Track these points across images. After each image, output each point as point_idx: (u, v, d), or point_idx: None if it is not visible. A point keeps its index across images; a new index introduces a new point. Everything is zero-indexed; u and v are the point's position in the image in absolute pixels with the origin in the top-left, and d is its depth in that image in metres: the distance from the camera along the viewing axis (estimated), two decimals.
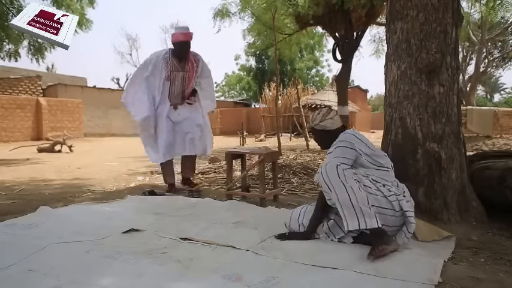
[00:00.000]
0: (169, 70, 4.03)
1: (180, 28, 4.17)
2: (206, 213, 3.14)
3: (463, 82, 23.99)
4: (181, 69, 4.10)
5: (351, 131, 2.51)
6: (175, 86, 4.10)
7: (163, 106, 4.07)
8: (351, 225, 2.19)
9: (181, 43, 4.02)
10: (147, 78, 4.02)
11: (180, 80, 4.10)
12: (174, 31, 4.15)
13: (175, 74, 4.07)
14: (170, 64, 4.04)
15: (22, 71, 19.46)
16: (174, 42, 4.04)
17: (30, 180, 5.16)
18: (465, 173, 2.97)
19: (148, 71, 4.02)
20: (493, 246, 2.36)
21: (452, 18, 2.93)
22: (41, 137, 15.46)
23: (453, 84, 2.95)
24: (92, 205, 3.46)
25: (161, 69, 4.00)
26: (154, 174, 5.78)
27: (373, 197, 2.24)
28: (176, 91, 4.13)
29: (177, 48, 4.05)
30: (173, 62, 4.05)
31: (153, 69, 4.01)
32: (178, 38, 4.01)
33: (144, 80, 4.04)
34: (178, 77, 4.09)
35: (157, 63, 4.01)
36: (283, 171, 5.16)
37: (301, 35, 12.22)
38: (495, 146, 10.88)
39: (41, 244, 2.25)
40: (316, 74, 35.85)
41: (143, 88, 4.04)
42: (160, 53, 4.09)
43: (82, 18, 9.67)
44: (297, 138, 16.78)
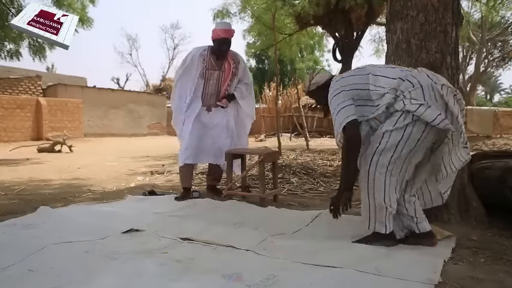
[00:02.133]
0: (204, 67, 3.79)
1: (221, 24, 3.92)
2: (206, 213, 3.14)
3: (463, 82, 23.99)
4: (218, 68, 3.84)
5: (337, 77, 2.52)
6: (209, 85, 3.84)
7: (194, 105, 3.82)
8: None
9: (221, 40, 3.73)
10: (182, 75, 3.85)
11: (215, 80, 3.84)
12: (214, 27, 3.83)
13: (211, 72, 3.82)
14: (207, 61, 3.80)
15: (22, 71, 19.44)
16: (213, 39, 3.76)
17: (30, 180, 5.16)
18: (465, 173, 2.97)
19: (184, 66, 3.84)
20: (493, 246, 2.36)
21: (452, 18, 2.93)
22: (41, 137, 15.44)
23: (453, 84, 2.94)
24: (92, 205, 3.47)
25: (197, 65, 3.78)
26: (154, 174, 5.78)
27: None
28: (210, 91, 3.85)
29: (216, 45, 3.77)
30: (210, 60, 3.80)
31: (190, 65, 3.81)
32: (219, 35, 3.72)
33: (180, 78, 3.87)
34: (213, 75, 3.83)
35: (195, 58, 3.80)
36: (283, 171, 5.15)
37: (301, 35, 12.21)
38: (495, 146, 10.88)
39: (40, 244, 2.25)
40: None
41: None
42: (199, 49, 3.86)
43: (83, 16, 9.67)
44: (297, 138, 16.77)
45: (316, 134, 18.69)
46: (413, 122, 2.19)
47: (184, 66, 3.84)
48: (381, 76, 2.32)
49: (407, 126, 2.20)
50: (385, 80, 2.30)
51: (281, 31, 10.21)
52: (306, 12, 8.54)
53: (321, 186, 4.56)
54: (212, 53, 3.81)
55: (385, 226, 2.30)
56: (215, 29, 3.77)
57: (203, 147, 3.82)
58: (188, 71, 3.81)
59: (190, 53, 3.90)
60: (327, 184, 4.65)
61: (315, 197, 4.07)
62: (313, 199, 3.94)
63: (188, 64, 3.81)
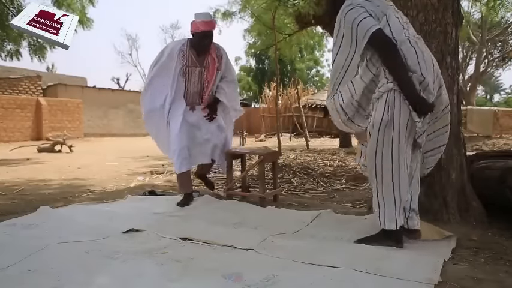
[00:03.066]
0: (184, 64, 3.46)
1: (201, 15, 3.44)
2: (206, 213, 3.14)
3: (463, 82, 23.98)
4: (199, 64, 3.51)
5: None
6: (191, 83, 3.53)
7: (177, 105, 3.52)
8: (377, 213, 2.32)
9: (202, 34, 3.38)
10: (157, 73, 3.51)
11: (197, 77, 3.52)
12: (194, 18, 3.43)
13: (192, 69, 3.50)
14: (187, 57, 3.46)
15: (22, 71, 19.47)
16: (193, 33, 3.42)
17: (30, 180, 5.16)
18: (465, 173, 2.97)
19: (160, 62, 3.49)
20: (493, 246, 2.36)
21: (452, 18, 2.93)
22: (41, 137, 15.46)
23: (453, 84, 2.95)
24: (91, 205, 3.47)
25: (176, 62, 3.44)
26: (154, 174, 5.78)
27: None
28: (193, 90, 3.56)
29: (196, 39, 3.43)
30: (190, 55, 3.47)
31: (167, 61, 3.46)
32: (198, 28, 3.36)
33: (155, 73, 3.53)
34: (195, 73, 3.51)
35: (173, 54, 3.45)
36: (283, 171, 5.16)
37: (301, 35, 12.19)
38: (495, 146, 10.88)
39: (40, 244, 2.25)
40: (316, 74, 35.84)
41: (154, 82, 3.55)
42: (178, 43, 3.55)
43: (83, 17, 9.66)
44: (297, 138, 16.78)
45: (316, 134, 18.70)
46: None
47: (160, 62, 3.48)
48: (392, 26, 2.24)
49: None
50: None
51: (281, 31, 10.19)
52: (306, 12, 8.52)
53: (321, 186, 4.56)
54: (192, 47, 3.48)
55: (395, 220, 2.27)
56: (194, 21, 3.40)
57: (197, 148, 3.58)
58: (165, 68, 3.47)
59: (167, 46, 3.57)
60: (327, 184, 4.65)
61: (315, 197, 4.08)
62: (313, 199, 3.94)
63: (165, 60, 3.46)
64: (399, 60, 2.19)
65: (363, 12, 2.24)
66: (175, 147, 3.47)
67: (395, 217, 2.27)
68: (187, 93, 3.56)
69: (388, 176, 2.24)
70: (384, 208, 2.28)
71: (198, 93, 3.59)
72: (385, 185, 2.26)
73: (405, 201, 2.32)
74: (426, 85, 2.20)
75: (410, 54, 2.22)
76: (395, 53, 2.19)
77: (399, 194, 2.25)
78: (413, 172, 2.40)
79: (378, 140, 2.23)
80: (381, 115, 2.21)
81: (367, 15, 2.23)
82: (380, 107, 2.23)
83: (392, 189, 2.25)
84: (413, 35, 2.31)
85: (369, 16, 2.23)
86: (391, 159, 2.23)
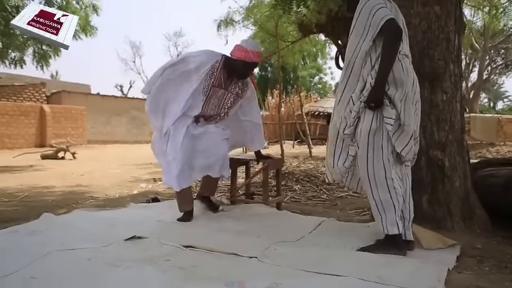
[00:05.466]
0: (211, 83, 3.11)
1: (252, 44, 3.14)
2: (209, 221, 3.13)
3: (466, 89, 23.96)
4: (225, 86, 3.19)
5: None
6: (209, 104, 3.18)
7: (184, 121, 3.12)
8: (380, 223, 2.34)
9: (250, 64, 3.13)
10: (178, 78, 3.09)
11: (217, 99, 3.20)
12: (242, 44, 3.10)
13: (216, 90, 3.15)
14: (216, 76, 3.12)
15: (27, 78, 19.59)
16: (238, 59, 3.06)
17: (33, 187, 5.17)
18: (469, 180, 2.95)
19: (182, 70, 3.09)
20: (498, 254, 2.34)
21: (455, 26, 2.94)
22: (45, 144, 15.51)
23: (456, 91, 2.95)
24: (94, 212, 3.46)
25: (202, 78, 3.08)
26: (157, 181, 5.78)
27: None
28: (210, 111, 3.22)
29: (239, 66, 3.09)
30: (220, 76, 3.13)
31: (193, 72, 3.07)
32: (250, 57, 3.05)
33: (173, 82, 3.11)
34: (217, 94, 3.17)
35: (201, 68, 3.08)
36: (286, 178, 5.15)
37: (304, 43, 12.24)
38: (499, 153, 10.83)
39: (43, 251, 2.25)
40: (319, 81, 35.91)
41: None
42: (210, 58, 3.12)
43: (87, 25, 9.74)
44: (299, 145, 16.76)
45: (319, 141, 18.67)
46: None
47: (185, 69, 3.08)
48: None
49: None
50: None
51: (284, 39, 10.24)
52: (308, 20, 8.56)
53: (324, 193, 4.55)
54: (224, 68, 3.14)
55: (396, 224, 2.28)
56: (244, 48, 3.07)
57: (200, 161, 3.14)
58: (187, 79, 3.09)
59: (198, 55, 3.14)
60: (329, 191, 4.64)
61: (318, 204, 4.07)
62: (316, 206, 3.93)
63: (190, 69, 3.08)
64: (394, 55, 2.25)
65: (382, 3, 2.30)
66: (175, 163, 3.05)
67: (396, 221, 2.28)
68: (202, 116, 3.21)
69: (383, 182, 2.26)
70: (385, 213, 2.29)
71: (213, 117, 3.28)
72: (381, 190, 2.27)
73: (402, 203, 2.32)
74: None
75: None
76: (398, 46, 2.26)
77: (396, 198, 2.27)
78: (406, 181, 2.41)
79: (368, 148, 2.28)
80: (370, 123, 2.27)
81: (385, 6, 2.30)
82: (368, 116, 2.28)
83: (389, 195, 2.27)
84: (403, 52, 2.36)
85: (386, 7, 2.29)
86: (383, 165, 2.26)
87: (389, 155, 2.28)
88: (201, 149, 3.13)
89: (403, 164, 2.39)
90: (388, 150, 2.27)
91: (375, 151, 2.27)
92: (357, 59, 2.35)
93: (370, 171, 2.29)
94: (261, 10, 9.84)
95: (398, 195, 2.28)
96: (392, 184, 2.27)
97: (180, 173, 3.03)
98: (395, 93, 2.24)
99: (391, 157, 2.28)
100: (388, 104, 2.24)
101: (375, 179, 2.28)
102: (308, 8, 6.19)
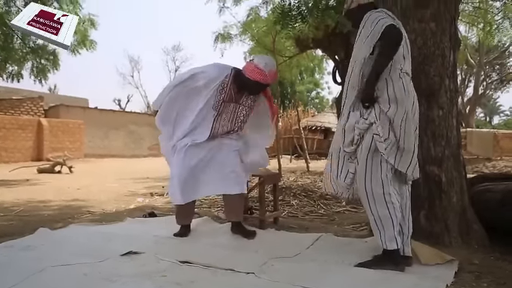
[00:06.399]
0: (221, 99, 2.99)
1: (269, 64, 2.95)
2: (206, 236, 3.12)
3: (462, 104, 24.14)
4: (236, 100, 3.04)
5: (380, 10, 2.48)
6: (221, 119, 3.05)
7: (192, 136, 3.05)
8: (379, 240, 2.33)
9: (264, 85, 3.00)
10: (189, 94, 3.01)
11: (229, 113, 3.06)
12: (258, 63, 2.91)
13: (227, 104, 3.02)
14: (226, 92, 2.99)
15: (25, 92, 19.60)
16: (251, 78, 2.90)
17: (29, 201, 5.14)
18: (466, 195, 2.96)
19: (191, 86, 2.99)
20: (496, 270, 2.33)
21: (450, 42, 2.98)
22: (42, 158, 15.44)
23: (452, 107, 2.97)
24: (91, 227, 3.44)
25: (212, 94, 2.97)
26: (154, 195, 5.76)
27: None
28: (222, 126, 3.08)
29: (253, 85, 2.95)
30: (231, 90, 3.00)
31: (201, 88, 2.97)
32: (267, 80, 2.92)
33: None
34: (228, 108, 3.04)
35: (211, 85, 2.96)
36: (283, 193, 5.14)
37: (302, 58, 12.35)
38: (495, 168, 10.85)
39: (39, 266, 2.23)
40: (317, 96, 36.07)
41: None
42: (220, 73, 2.99)
43: (85, 39, 9.81)
44: (297, 160, 16.75)
45: (316, 156, 18.67)
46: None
47: (194, 86, 2.99)
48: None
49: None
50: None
51: (281, 54, 10.33)
52: (305, 36, 8.66)
53: (321, 208, 4.54)
54: (235, 82, 3.00)
55: (395, 240, 2.28)
56: (263, 70, 2.88)
57: (203, 176, 3.01)
58: (197, 94, 3.00)
59: (204, 72, 3.00)
60: (327, 206, 4.63)
61: (315, 219, 4.05)
62: (314, 221, 3.91)
63: (200, 86, 2.98)
64: (390, 57, 2.27)
65: (386, 16, 2.33)
66: (174, 175, 3.01)
67: (394, 236, 2.28)
68: (214, 130, 3.06)
69: (380, 197, 2.28)
70: (383, 229, 2.29)
71: (226, 133, 3.13)
72: (379, 206, 2.29)
73: (401, 218, 2.33)
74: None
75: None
76: (396, 50, 2.27)
77: (394, 213, 2.28)
78: (405, 197, 2.42)
79: (367, 164, 2.31)
80: (370, 142, 2.30)
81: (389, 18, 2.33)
82: (369, 135, 2.31)
83: (387, 210, 2.28)
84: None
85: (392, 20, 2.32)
86: (381, 182, 2.29)
87: (388, 172, 2.30)
88: (214, 161, 3.04)
89: (406, 182, 2.41)
90: (388, 167, 2.30)
91: (373, 168, 2.30)
92: (356, 69, 2.38)
93: (368, 187, 2.31)
94: (258, 25, 9.95)
95: (396, 210, 2.29)
96: (390, 199, 2.28)
97: (180, 187, 2.96)
98: (396, 113, 2.26)
99: (389, 173, 2.30)
100: (382, 141, 2.26)
101: (373, 195, 2.30)
102: (306, 22, 6.28)
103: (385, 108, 2.27)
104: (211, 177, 3.02)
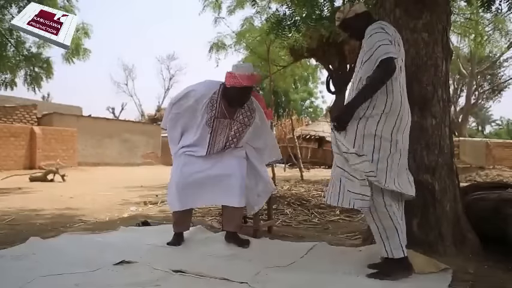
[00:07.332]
0: (213, 116, 3.01)
1: (243, 68, 3.01)
2: (199, 245, 3.09)
3: (455, 114, 24.36)
4: (229, 116, 3.04)
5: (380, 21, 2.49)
6: (217, 136, 3.06)
7: (192, 148, 3.11)
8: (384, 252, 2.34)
9: (243, 89, 2.93)
10: (185, 113, 3.09)
11: (225, 128, 3.06)
12: (232, 69, 2.97)
13: (220, 121, 3.03)
14: (216, 108, 3.00)
15: (18, 99, 19.50)
16: (230, 86, 2.93)
17: (21, 210, 5.08)
18: (459, 204, 2.97)
19: (186, 106, 3.06)
20: (490, 279, 2.34)
21: (442, 53, 3.01)
22: (34, 166, 15.31)
23: (445, 116, 3.00)
24: (83, 236, 3.41)
25: (203, 111, 3.01)
26: (147, 204, 5.73)
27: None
28: (218, 142, 3.08)
29: (234, 93, 2.95)
30: (221, 106, 3.00)
31: (193, 105, 3.03)
32: (240, 82, 2.88)
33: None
34: (223, 124, 3.05)
35: (201, 101, 3.01)
36: (277, 202, 5.12)
37: (296, 67, 12.44)
38: (488, 176, 10.93)
39: (29, 276, 2.20)
40: (311, 105, 36.25)
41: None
42: (208, 90, 3.02)
43: (79, 48, 9.81)
44: (291, 168, 16.76)
45: (310, 164, 18.70)
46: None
47: (188, 105, 3.05)
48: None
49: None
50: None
51: (276, 63, 10.40)
52: (300, 45, 8.73)
53: (316, 217, 4.54)
54: (224, 97, 3.01)
55: (401, 248, 2.30)
56: (233, 73, 2.93)
57: (203, 185, 3.03)
58: (193, 112, 3.07)
59: (194, 90, 3.07)
60: (321, 215, 4.62)
61: (310, 228, 4.04)
62: (308, 230, 3.91)
63: (191, 105, 3.04)
64: (378, 89, 2.28)
65: (388, 37, 2.33)
66: (174, 178, 3.07)
67: (400, 244, 2.30)
68: (211, 145, 3.08)
69: (383, 210, 2.30)
70: (388, 239, 2.31)
71: (222, 148, 3.13)
72: (383, 218, 2.31)
73: (403, 225, 2.35)
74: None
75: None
76: (384, 83, 2.28)
77: (398, 222, 2.30)
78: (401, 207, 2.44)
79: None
80: (371, 155, 2.31)
81: (390, 43, 2.32)
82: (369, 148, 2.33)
83: (391, 221, 2.29)
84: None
85: (391, 45, 2.31)
86: (382, 196, 2.31)
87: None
88: (215, 169, 3.06)
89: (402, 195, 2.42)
90: (390, 178, 2.32)
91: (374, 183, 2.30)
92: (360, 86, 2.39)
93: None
94: (252, 35, 10.02)
95: (398, 218, 2.33)
96: (392, 210, 2.31)
97: (177, 195, 3.00)
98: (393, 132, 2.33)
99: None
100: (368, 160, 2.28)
101: (376, 209, 2.31)
102: (300, 32, 6.33)
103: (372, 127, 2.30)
104: (212, 186, 3.04)
